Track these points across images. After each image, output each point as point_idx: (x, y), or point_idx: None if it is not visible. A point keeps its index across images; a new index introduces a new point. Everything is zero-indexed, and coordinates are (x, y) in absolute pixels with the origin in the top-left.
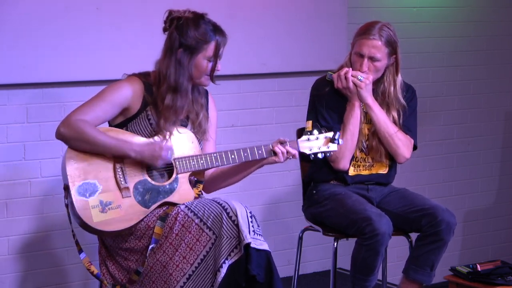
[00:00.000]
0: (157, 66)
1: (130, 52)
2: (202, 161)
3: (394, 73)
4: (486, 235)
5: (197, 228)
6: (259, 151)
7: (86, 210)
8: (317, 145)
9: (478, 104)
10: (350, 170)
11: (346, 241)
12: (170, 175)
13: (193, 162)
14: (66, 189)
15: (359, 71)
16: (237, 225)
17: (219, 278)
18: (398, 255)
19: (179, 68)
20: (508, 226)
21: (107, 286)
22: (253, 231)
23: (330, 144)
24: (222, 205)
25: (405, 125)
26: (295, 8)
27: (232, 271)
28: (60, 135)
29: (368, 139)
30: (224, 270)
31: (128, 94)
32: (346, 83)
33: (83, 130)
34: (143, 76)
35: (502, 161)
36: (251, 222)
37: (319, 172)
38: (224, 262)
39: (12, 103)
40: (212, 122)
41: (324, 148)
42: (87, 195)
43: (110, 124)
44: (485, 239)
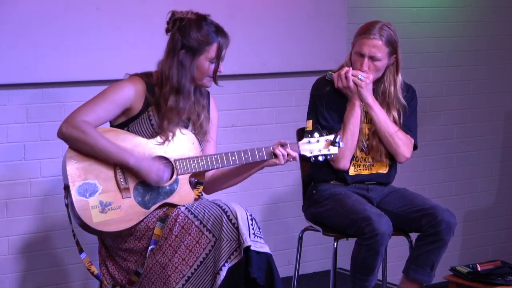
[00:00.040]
0: (159, 67)
1: (130, 52)
2: (202, 162)
3: (394, 72)
4: (486, 235)
5: (197, 230)
6: (259, 153)
7: (86, 211)
8: (318, 147)
9: (478, 104)
10: (351, 169)
11: (346, 241)
12: (170, 176)
13: (194, 164)
14: (66, 189)
15: (360, 70)
16: (237, 228)
17: (219, 281)
18: (398, 255)
19: (181, 70)
20: (508, 226)
21: (107, 286)
22: (254, 233)
23: (331, 147)
24: (223, 208)
25: (406, 125)
26: (295, 8)
27: (231, 274)
28: (61, 135)
29: (368, 138)
30: (223, 273)
31: (130, 94)
32: (347, 82)
33: (85, 132)
34: (145, 76)
35: (502, 161)
36: (252, 224)
37: (319, 172)
38: (223, 265)
39: (12, 103)
40: (213, 123)
41: (325, 151)
42: (87, 195)
43: (111, 124)
44: (485, 239)
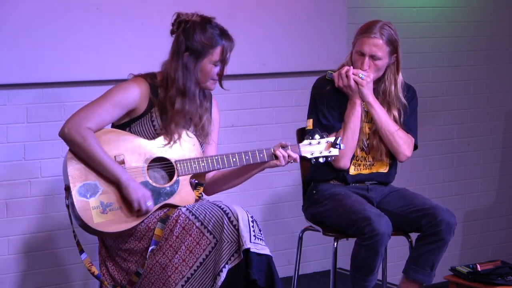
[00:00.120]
0: (164, 68)
1: (130, 52)
2: (203, 163)
3: (395, 72)
4: (486, 235)
5: (198, 232)
6: (260, 155)
7: (87, 211)
8: (318, 149)
9: (478, 104)
10: (351, 169)
11: (346, 241)
12: (171, 177)
13: (194, 165)
14: (67, 190)
15: (360, 69)
16: (238, 230)
17: (219, 283)
18: (398, 255)
19: (186, 72)
20: (508, 226)
21: (107, 287)
22: (254, 235)
23: (331, 149)
24: (224, 210)
25: (406, 124)
26: (295, 8)
27: (231, 275)
28: (63, 135)
29: (369, 138)
30: (224, 275)
31: (135, 96)
32: (347, 81)
33: (85, 139)
34: (149, 77)
35: (502, 161)
36: (252, 226)
37: (320, 172)
38: (224, 266)
39: (12, 103)
40: (214, 125)
41: (325, 153)
42: (88, 195)
43: (113, 124)
44: (485, 239)
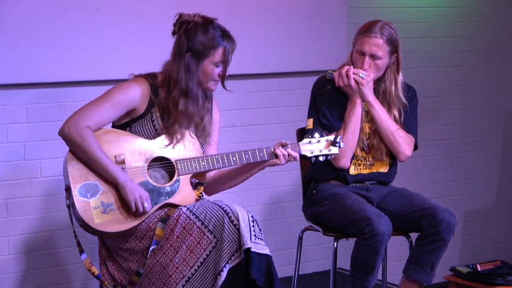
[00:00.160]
0: (165, 68)
1: (130, 52)
2: (203, 163)
3: (395, 72)
4: (486, 235)
5: (198, 231)
6: (260, 153)
7: (88, 211)
8: (318, 148)
9: (478, 104)
10: (351, 169)
11: (346, 241)
12: (171, 177)
13: (195, 164)
14: (68, 190)
15: (361, 69)
16: (238, 229)
17: (220, 282)
18: (398, 255)
19: (188, 73)
20: (508, 226)
21: (107, 287)
22: (255, 235)
23: (331, 147)
24: (224, 209)
25: (406, 124)
26: (295, 8)
27: (232, 275)
28: (62, 134)
29: (369, 137)
30: (224, 274)
31: (136, 96)
32: (348, 80)
33: (84, 139)
34: (150, 77)
35: (502, 161)
36: (253, 226)
37: (319, 172)
38: (224, 266)
39: (12, 103)
40: (215, 125)
41: (325, 151)
42: (89, 196)
43: (114, 124)
44: (485, 239)
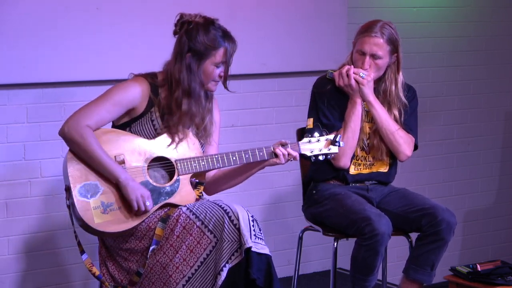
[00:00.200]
0: (166, 68)
1: (130, 52)
2: (203, 162)
3: (395, 71)
4: (486, 235)
5: (198, 231)
6: (260, 153)
7: (88, 211)
8: (318, 147)
9: (478, 104)
10: (351, 168)
11: (346, 241)
12: (171, 177)
13: (195, 164)
14: (68, 190)
15: (361, 69)
16: (238, 229)
17: (220, 281)
18: (398, 255)
19: (190, 74)
20: (508, 226)
21: (108, 287)
22: (255, 235)
23: (331, 147)
24: (224, 209)
25: (406, 124)
26: (295, 8)
27: (232, 274)
28: (63, 134)
29: (369, 137)
30: (224, 274)
31: (136, 95)
32: (348, 80)
33: (84, 139)
34: (150, 77)
35: (502, 161)
36: (253, 226)
37: (319, 172)
38: (224, 265)
39: (12, 103)
40: (215, 125)
41: (325, 150)
42: (89, 196)
43: (113, 123)
44: (485, 239)
